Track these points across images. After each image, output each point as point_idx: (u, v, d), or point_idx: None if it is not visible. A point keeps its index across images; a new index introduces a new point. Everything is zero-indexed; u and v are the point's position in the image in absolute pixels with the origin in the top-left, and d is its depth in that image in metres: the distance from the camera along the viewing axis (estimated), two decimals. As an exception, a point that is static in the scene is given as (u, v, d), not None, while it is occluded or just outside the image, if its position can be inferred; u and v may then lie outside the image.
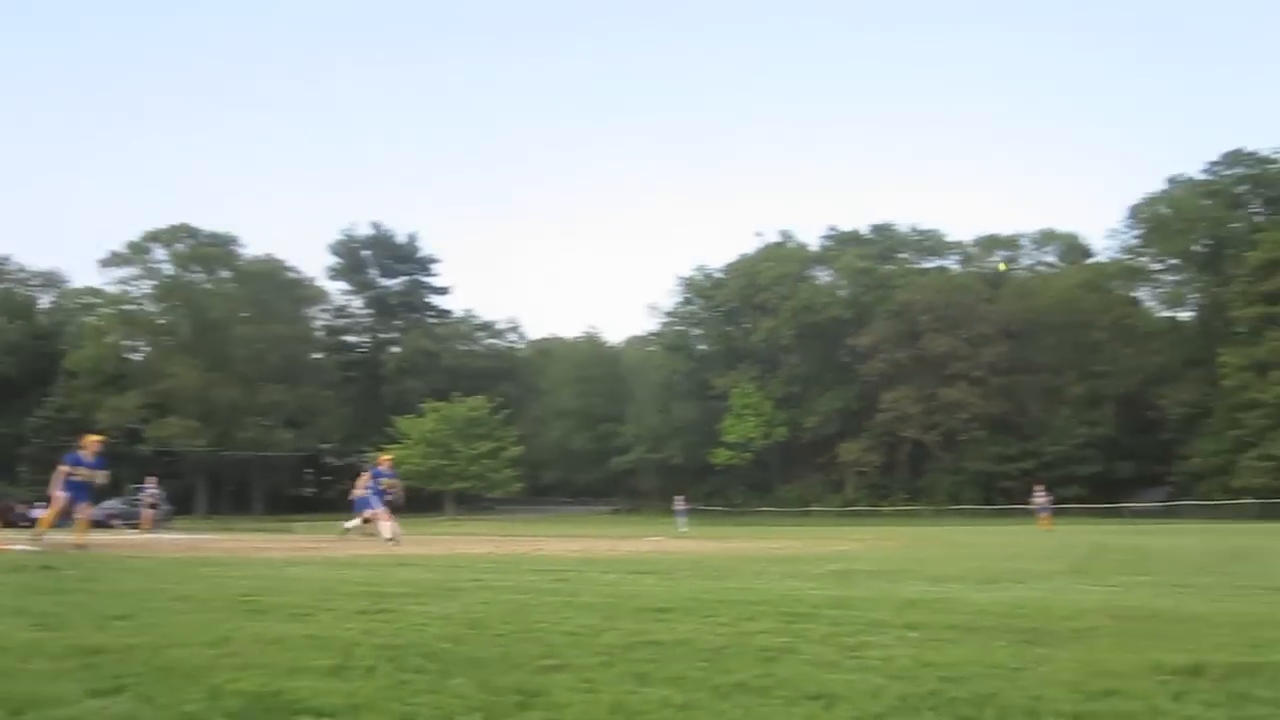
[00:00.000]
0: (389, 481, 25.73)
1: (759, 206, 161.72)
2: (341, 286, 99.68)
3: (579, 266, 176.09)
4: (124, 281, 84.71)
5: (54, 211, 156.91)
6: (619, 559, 17.38)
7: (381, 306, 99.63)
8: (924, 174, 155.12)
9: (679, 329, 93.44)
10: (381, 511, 24.33)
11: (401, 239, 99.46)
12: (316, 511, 72.06)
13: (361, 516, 26.92)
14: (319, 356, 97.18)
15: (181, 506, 62.91)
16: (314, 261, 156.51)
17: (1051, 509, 47.50)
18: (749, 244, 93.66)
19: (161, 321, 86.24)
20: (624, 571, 13.13)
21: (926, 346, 77.67)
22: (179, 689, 4.56)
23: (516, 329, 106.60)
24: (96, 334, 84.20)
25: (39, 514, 20.47)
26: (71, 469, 19.60)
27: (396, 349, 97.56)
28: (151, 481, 40.86)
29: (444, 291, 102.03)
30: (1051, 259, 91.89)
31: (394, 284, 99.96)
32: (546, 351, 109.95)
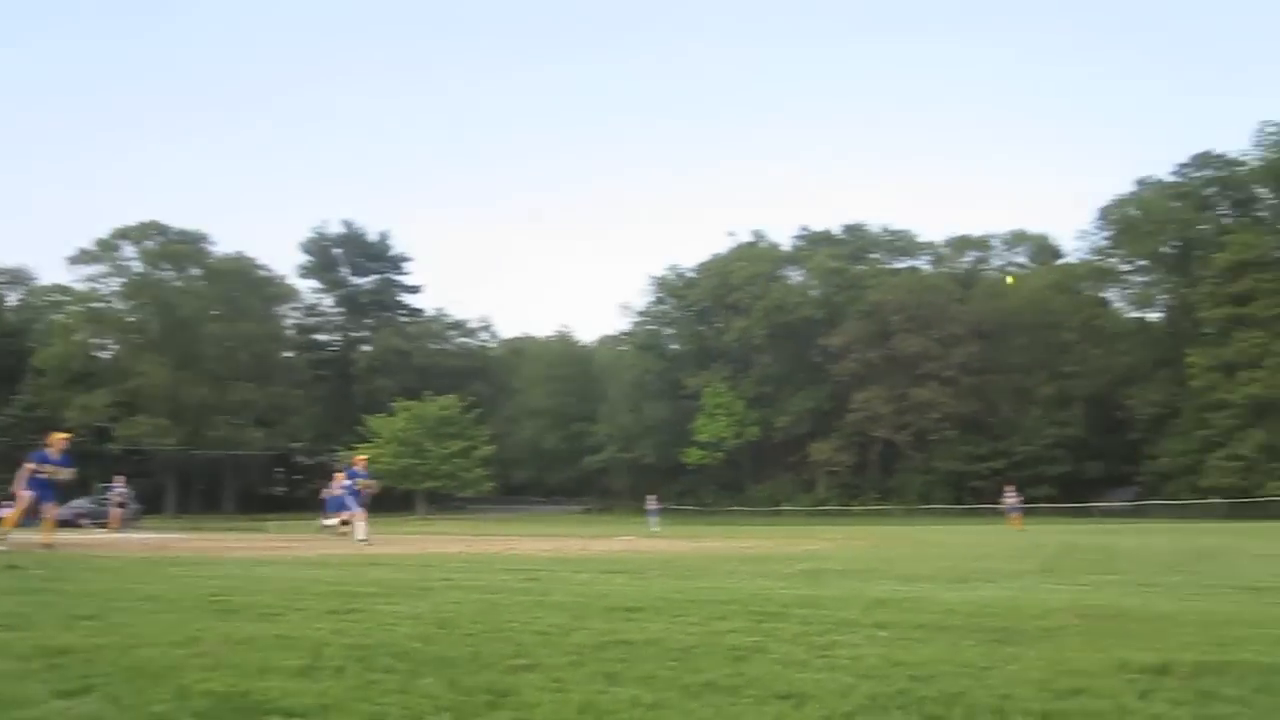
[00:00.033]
0: (364, 482, 25.71)
1: (731, 206, 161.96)
2: (312, 285, 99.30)
3: (551, 266, 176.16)
4: (93, 279, 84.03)
5: (22, 208, 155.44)
6: (590, 558, 17.38)
7: (353, 305, 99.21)
8: (896, 175, 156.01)
9: (651, 328, 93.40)
10: (359, 511, 24.36)
11: (373, 237, 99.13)
12: (287, 510, 71.66)
13: (340, 517, 26.88)
14: (290, 355, 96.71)
15: (150, 506, 62.47)
16: (285, 259, 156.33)
17: (1022, 509, 47.77)
18: (721, 244, 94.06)
19: (130, 319, 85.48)
20: (595, 571, 13.14)
21: (898, 346, 77.92)
22: (147, 689, 4.54)
23: (488, 328, 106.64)
24: (65, 332, 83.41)
25: (4, 513, 20.23)
26: (37, 466, 19.45)
27: (368, 348, 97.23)
28: (120, 480, 40.59)
29: (416, 290, 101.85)
30: (1022, 260, 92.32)
31: (365, 282, 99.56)
32: (518, 350, 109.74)
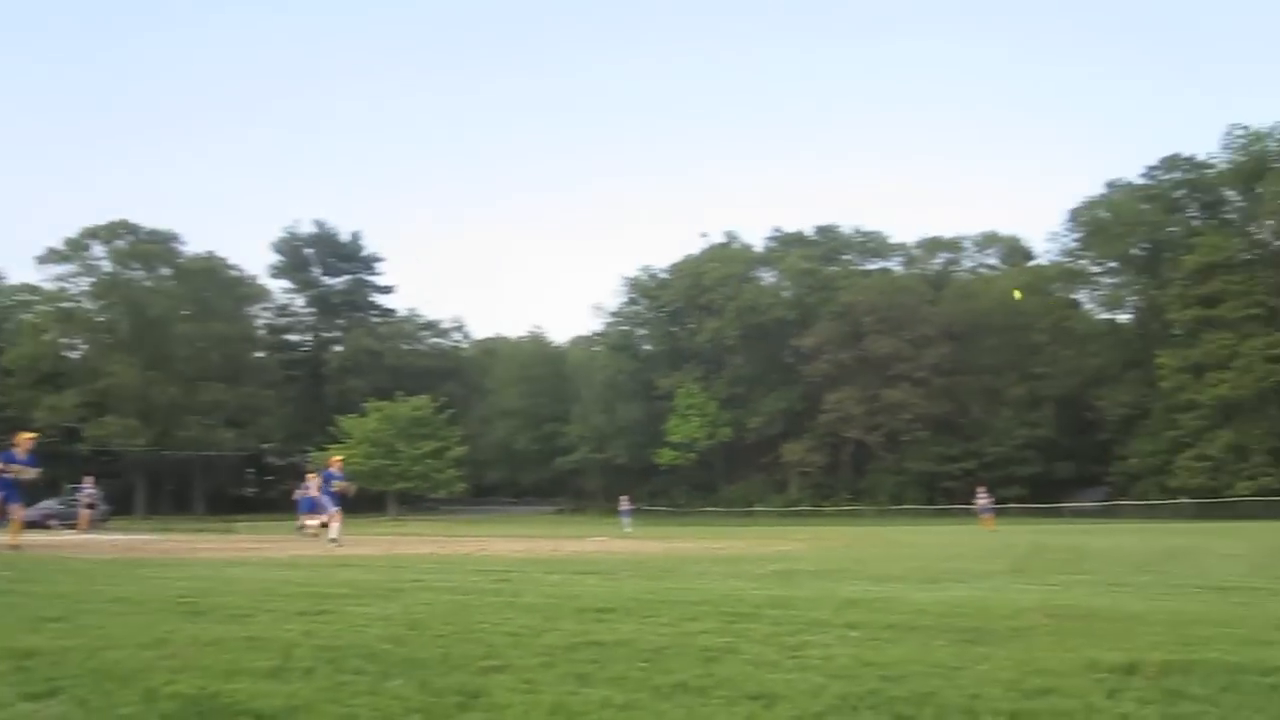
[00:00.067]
0: (340, 484, 25.62)
1: (704, 207, 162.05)
2: (284, 285, 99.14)
3: (524, 266, 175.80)
4: (62, 278, 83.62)
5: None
6: (562, 559, 17.37)
7: (324, 305, 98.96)
8: (868, 176, 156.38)
9: (624, 329, 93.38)
10: (335, 513, 24.30)
11: (345, 237, 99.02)
12: (258, 512, 71.45)
13: (320, 520, 26.82)
14: (261, 355, 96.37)
15: (120, 507, 62.10)
16: (256, 259, 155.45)
17: (993, 509, 48.08)
18: (694, 245, 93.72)
19: (100, 319, 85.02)
20: (567, 572, 13.13)
21: (869, 348, 78.15)
22: (114, 692, 4.50)
23: (461, 328, 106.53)
24: (33, 331, 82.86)
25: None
26: (4, 466, 19.32)
27: (339, 348, 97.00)
28: (89, 481, 40.43)
29: (388, 290, 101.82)
30: (993, 261, 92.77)
31: (337, 283, 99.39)
32: (491, 351, 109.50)
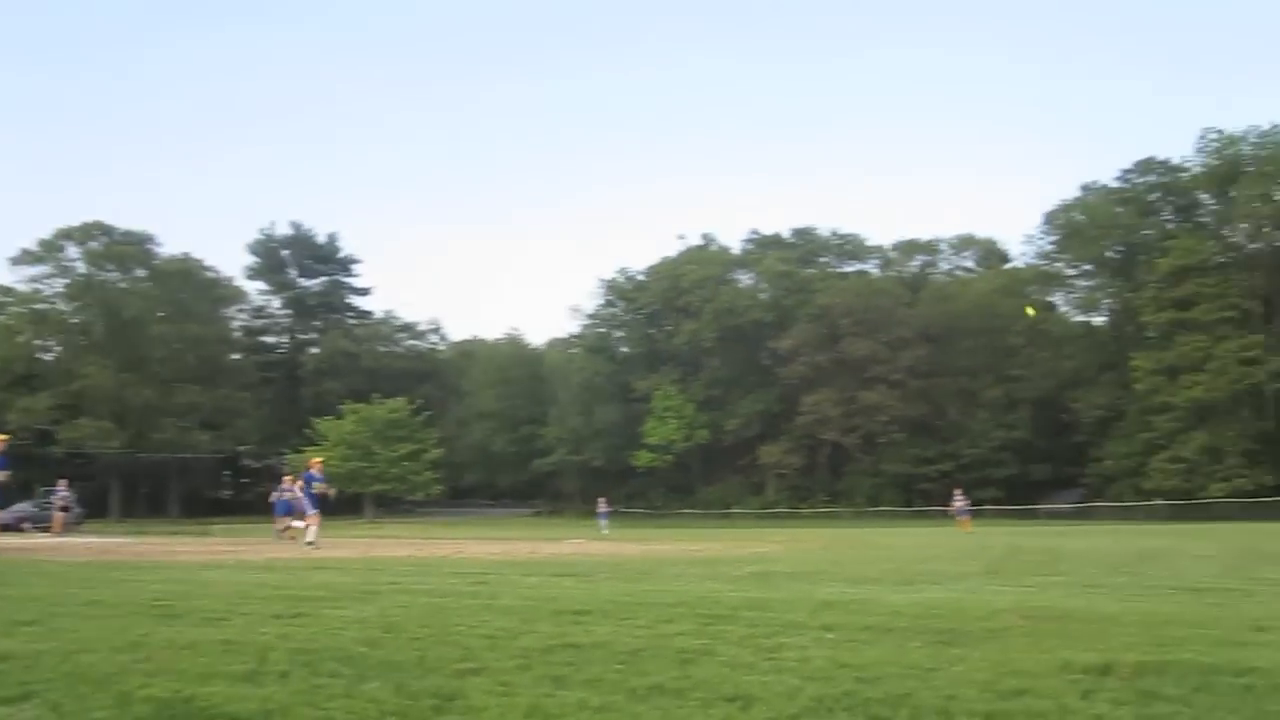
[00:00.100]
0: (320, 486, 25.60)
1: (681, 209, 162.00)
2: (260, 286, 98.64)
3: (501, 268, 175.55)
4: (35, 280, 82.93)
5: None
6: (540, 561, 17.37)
7: (301, 307, 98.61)
8: (844, 179, 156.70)
9: (601, 331, 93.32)
10: (314, 515, 24.31)
11: (321, 239, 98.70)
12: (234, 514, 71.14)
13: (307, 520, 26.82)
14: (237, 357, 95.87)
15: (94, 509, 61.73)
16: (232, 261, 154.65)
17: (970, 511, 48.25)
18: (671, 247, 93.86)
19: (74, 321, 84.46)
20: (544, 574, 13.13)
21: (846, 350, 78.29)
22: (88, 696, 4.49)
23: (438, 330, 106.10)
24: (7, 333, 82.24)
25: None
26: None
27: (316, 350, 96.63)
28: (63, 484, 40.12)
29: (364, 292, 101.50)
30: (969, 264, 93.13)
31: (313, 284, 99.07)
32: (468, 353, 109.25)
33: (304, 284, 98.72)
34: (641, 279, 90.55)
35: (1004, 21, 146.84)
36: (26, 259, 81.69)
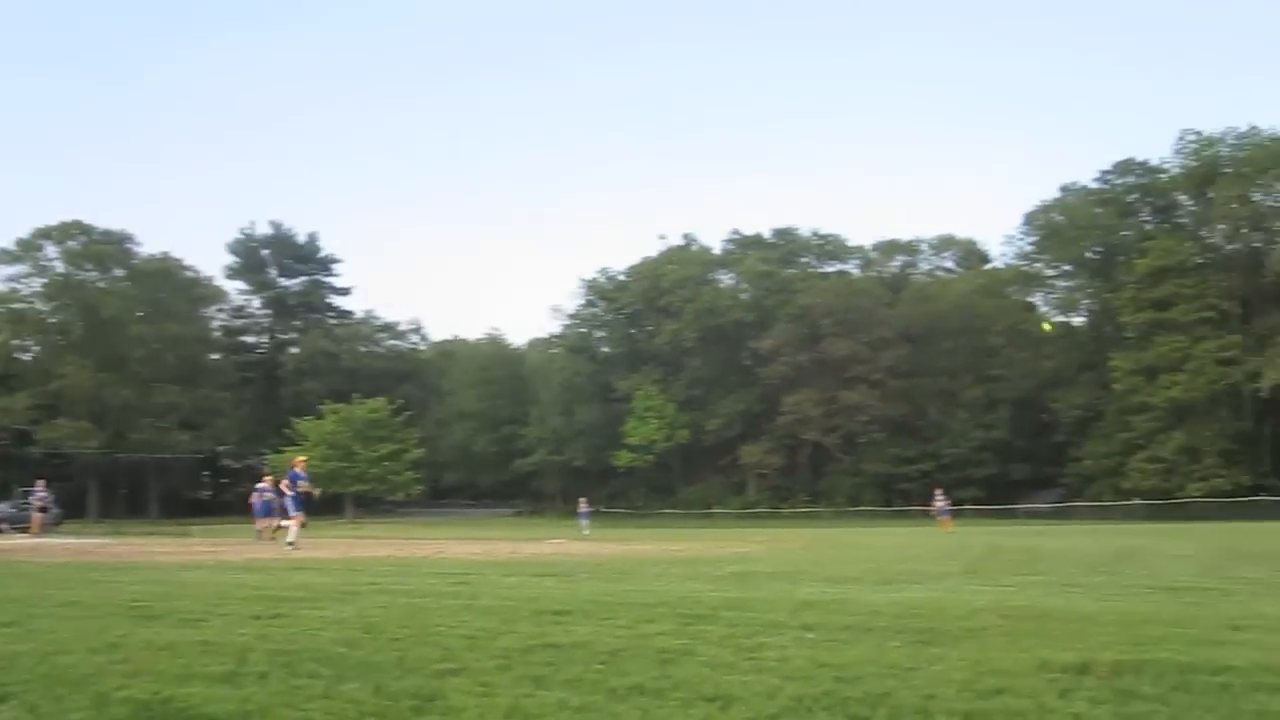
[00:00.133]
0: (305, 485, 25.59)
1: (662, 209, 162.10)
2: (240, 286, 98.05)
3: (482, 268, 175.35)
4: (13, 279, 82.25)
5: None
6: (520, 561, 17.35)
7: (281, 307, 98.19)
8: (825, 179, 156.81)
9: (582, 331, 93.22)
10: (299, 515, 24.35)
11: (302, 239, 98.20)
12: (214, 515, 70.88)
13: (276, 523, 26.80)
14: (216, 357, 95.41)
15: (72, 510, 61.40)
16: (212, 260, 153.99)
17: (950, 511, 48.41)
18: (652, 247, 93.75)
19: (52, 321, 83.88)
20: (525, 574, 13.12)
21: (827, 350, 78.38)
22: (65, 697, 4.47)
23: (418, 330, 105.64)
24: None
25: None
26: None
27: (296, 350, 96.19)
28: (41, 484, 39.96)
29: (345, 292, 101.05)
30: (950, 264, 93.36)
31: (294, 284, 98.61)
32: (448, 353, 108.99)
33: (284, 284, 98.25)
34: (622, 279, 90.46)
35: (985, 23, 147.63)
36: (4, 258, 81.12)
